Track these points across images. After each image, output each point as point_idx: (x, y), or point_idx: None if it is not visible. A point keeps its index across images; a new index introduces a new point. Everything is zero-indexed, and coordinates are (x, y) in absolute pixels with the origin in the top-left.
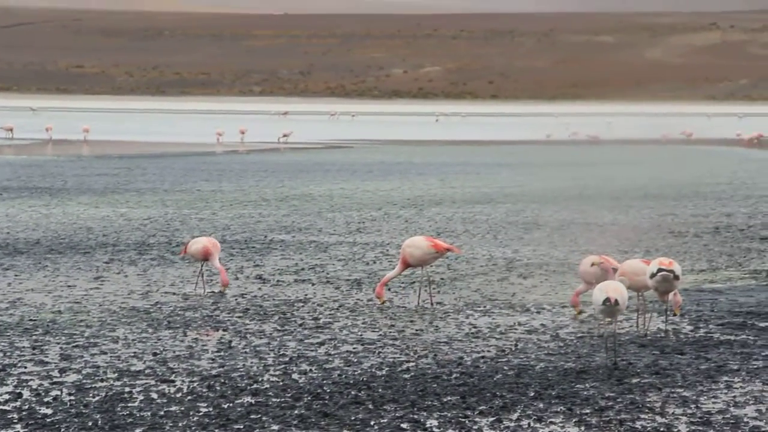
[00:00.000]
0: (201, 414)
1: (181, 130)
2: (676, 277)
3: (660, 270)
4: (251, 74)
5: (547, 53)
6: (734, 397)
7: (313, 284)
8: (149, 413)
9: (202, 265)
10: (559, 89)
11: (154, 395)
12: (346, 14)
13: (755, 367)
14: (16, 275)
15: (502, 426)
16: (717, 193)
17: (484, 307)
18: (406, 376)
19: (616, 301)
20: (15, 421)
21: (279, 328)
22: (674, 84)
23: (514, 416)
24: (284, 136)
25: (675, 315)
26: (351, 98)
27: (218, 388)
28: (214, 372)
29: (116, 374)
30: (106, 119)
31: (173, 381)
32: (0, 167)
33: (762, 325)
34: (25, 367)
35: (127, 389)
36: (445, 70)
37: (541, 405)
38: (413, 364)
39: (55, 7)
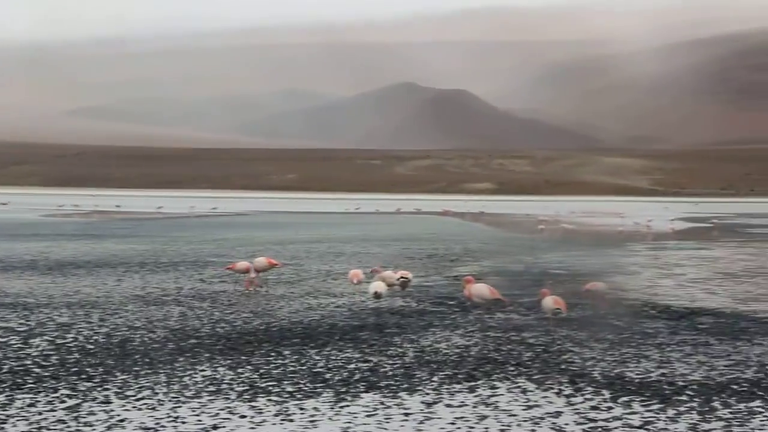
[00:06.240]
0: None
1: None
2: (409, 280)
3: (401, 277)
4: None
5: (349, 169)
6: (436, 338)
7: (229, 283)
8: (144, 350)
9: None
10: (356, 187)
11: (147, 340)
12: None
13: (447, 323)
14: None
15: (322, 353)
16: (428, 238)
17: (314, 295)
18: (274, 329)
19: (381, 293)
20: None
21: (211, 305)
22: (406, 184)
23: (328, 348)
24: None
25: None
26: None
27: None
28: (176, 326)
29: (127, 329)
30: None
31: (155, 331)
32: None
33: (450, 303)
34: (81, 326)
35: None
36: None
37: (341, 343)
38: (278, 323)
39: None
